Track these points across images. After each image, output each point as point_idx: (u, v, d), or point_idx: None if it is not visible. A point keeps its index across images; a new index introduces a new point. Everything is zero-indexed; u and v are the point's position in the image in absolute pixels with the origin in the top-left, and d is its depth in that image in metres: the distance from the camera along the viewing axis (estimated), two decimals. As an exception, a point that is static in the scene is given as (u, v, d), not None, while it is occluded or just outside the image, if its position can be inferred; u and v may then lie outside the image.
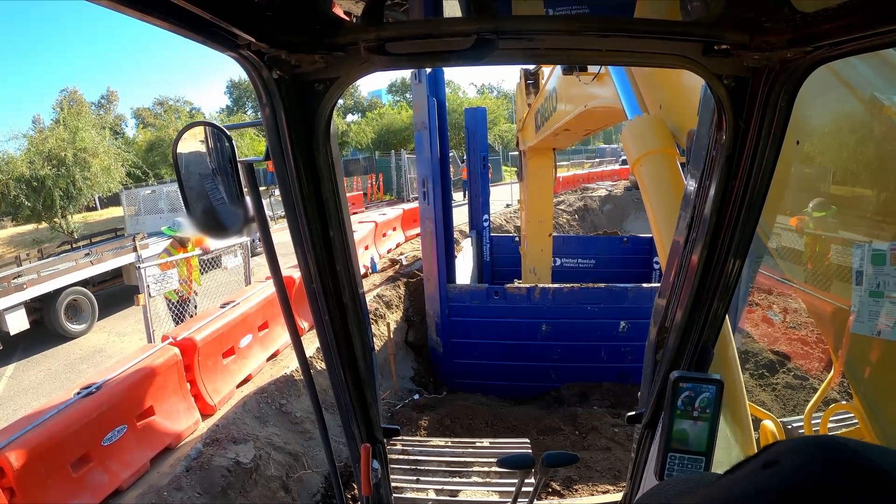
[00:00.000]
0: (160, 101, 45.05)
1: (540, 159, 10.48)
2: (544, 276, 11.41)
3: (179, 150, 1.31)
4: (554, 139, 9.26)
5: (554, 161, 10.46)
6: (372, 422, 1.90)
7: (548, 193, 11.08)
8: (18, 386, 9.17)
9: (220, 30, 0.94)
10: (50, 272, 11.47)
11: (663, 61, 1.35)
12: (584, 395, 8.91)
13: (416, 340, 10.35)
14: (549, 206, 11.35)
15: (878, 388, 3.14)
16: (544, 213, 11.19)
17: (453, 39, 1.12)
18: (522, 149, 10.77)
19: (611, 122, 7.84)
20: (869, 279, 2.82)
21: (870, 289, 2.82)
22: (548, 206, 11.30)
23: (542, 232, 11.22)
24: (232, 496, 5.22)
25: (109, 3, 0.74)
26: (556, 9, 1.32)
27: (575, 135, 9.34)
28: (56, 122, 22.06)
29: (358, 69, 1.20)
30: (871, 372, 3.22)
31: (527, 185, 10.98)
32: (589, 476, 6.34)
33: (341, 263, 1.50)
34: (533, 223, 11.14)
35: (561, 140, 9.66)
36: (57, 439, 4.55)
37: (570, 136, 9.35)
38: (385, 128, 39.40)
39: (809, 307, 4.38)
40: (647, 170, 3.29)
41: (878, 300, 2.80)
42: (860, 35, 1.04)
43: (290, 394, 6.99)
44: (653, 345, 1.92)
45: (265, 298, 7.86)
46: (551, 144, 9.98)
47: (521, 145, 10.79)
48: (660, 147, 3.27)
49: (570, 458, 2.16)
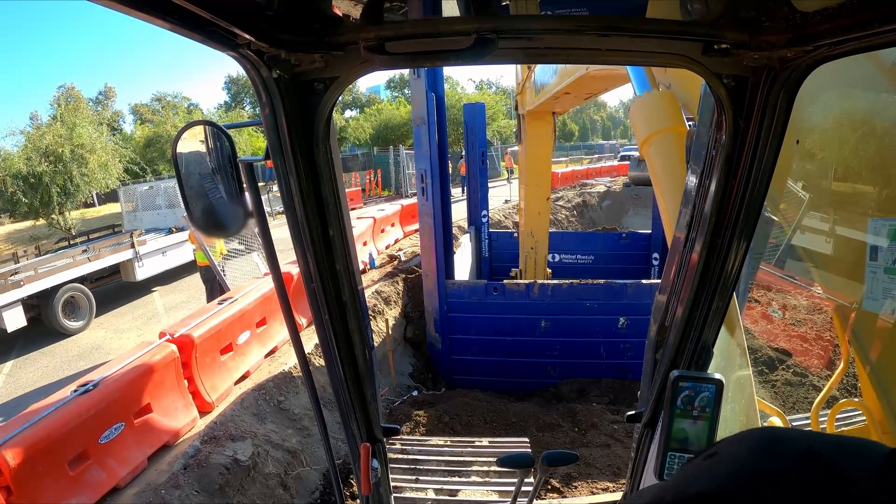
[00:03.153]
0: (158, 97, 44.84)
1: (539, 123, 10.37)
2: (541, 239, 11.36)
3: (179, 149, 1.30)
4: (554, 102, 9.19)
5: (553, 125, 10.37)
6: (371, 420, 1.90)
7: (546, 157, 11.00)
8: (16, 383, 9.16)
9: (219, 29, 0.94)
10: (47, 269, 11.45)
11: (663, 60, 1.35)
12: (583, 391, 8.93)
13: (414, 337, 10.36)
14: (546, 170, 11.25)
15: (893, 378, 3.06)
16: (542, 176, 11.09)
17: (453, 39, 1.12)
18: (521, 112, 10.64)
19: (612, 85, 7.74)
20: (885, 255, 2.71)
21: (885, 265, 2.71)
22: (546, 170, 11.20)
23: (540, 195, 11.14)
24: (230, 494, 5.22)
25: (110, 3, 0.73)
26: (555, 10, 1.31)
27: (576, 98, 9.27)
28: (53, 118, 21.94)
29: (357, 68, 1.20)
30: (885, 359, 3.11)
31: (525, 149, 10.87)
32: (588, 473, 6.35)
33: (341, 262, 1.50)
34: (531, 186, 11.05)
35: (561, 104, 9.59)
36: (54, 437, 4.55)
37: (571, 99, 9.26)
38: (383, 123, 39.26)
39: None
40: (656, 150, 3.22)
41: (893, 277, 2.69)
42: (860, 34, 1.03)
43: (289, 391, 6.99)
44: (652, 343, 1.92)
45: (263, 295, 7.85)
46: (551, 108, 9.88)
47: (520, 109, 10.68)
48: (670, 126, 3.19)
49: (570, 458, 2.16)
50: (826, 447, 0.46)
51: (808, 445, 0.46)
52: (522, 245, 11.71)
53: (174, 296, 13.72)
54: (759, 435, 0.50)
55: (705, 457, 0.51)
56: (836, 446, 0.46)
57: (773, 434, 0.50)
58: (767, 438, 0.49)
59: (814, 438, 0.47)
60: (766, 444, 0.48)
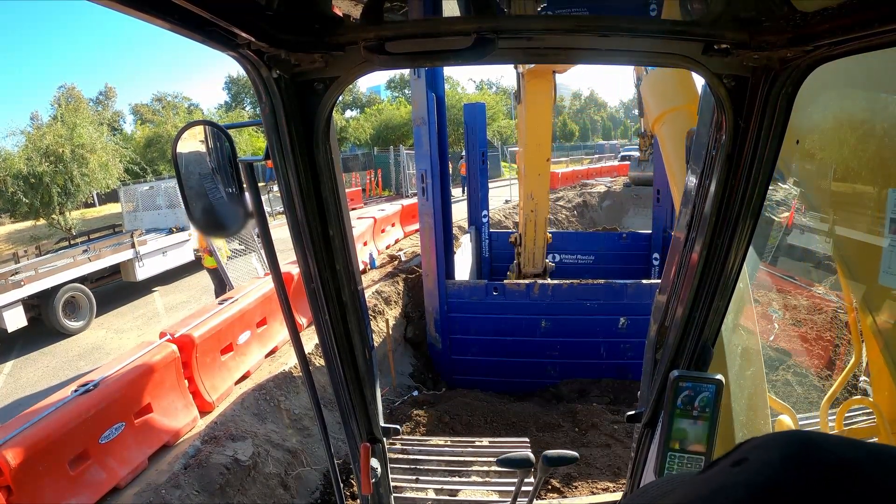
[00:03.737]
0: (158, 97, 44.80)
1: (539, 82, 10.07)
2: (541, 201, 11.02)
3: (179, 149, 1.30)
4: None
5: (553, 84, 10.08)
6: (371, 420, 1.90)
7: (546, 116, 10.63)
8: (16, 383, 9.16)
9: (219, 29, 0.94)
10: (48, 269, 11.44)
11: (663, 60, 1.35)
12: (583, 391, 8.93)
13: (414, 337, 10.35)
14: (547, 129, 10.88)
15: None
16: (542, 136, 10.76)
17: (453, 39, 1.12)
18: (521, 71, 10.35)
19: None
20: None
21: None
22: (546, 130, 10.84)
23: (540, 155, 10.85)
24: (230, 494, 5.22)
25: (110, 3, 0.73)
26: (555, 10, 1.31)
27: None
28: (54, 118, 21.90)
29: (357, 68, 1.20)
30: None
31: (525, 109, 10.47)
32: (589, 473, 6.35)
33: (341, 262, 1.50)
34: (531, 146, 10.73)
35: None
36: (54, 437, 4.55)
37: None
38: (384, 123, 39.26)
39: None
40: (668, 129, 3.13)
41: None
42: (860, 34, 1.03)
43: (289, 390, 6.99)
44: (653, 343, 1.92)
45: (263, 295, 7.85)
46: (551, 67, 9.73)
47: (520, 68, 10.45)
48: (684, 104, 3.10)
49: (570, 458, 2.16)
50: (865, 458, 0.44)
51: (845, 455, 0.44)
52: (522, 209, 11.32)
53: (174, 296, 13.72)
54: (788, 440, 0.47)
55: (732, 462, 0.48)
56: (875, 457, 0.44)
57: (805, 440, 0.47)
58: (799, 444, 0.46)
59: (849, 446, 0.45)
60: (799, 452, 0.45)
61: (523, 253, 11.32)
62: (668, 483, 0.62)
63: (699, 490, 0.48)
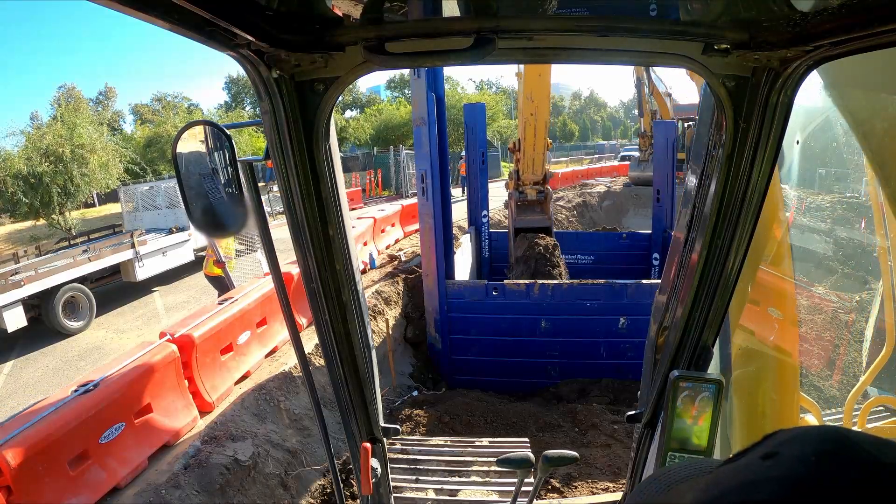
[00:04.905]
0: (158, 97, 44.79)
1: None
2: (541, 103, 10.53)
3: (179, 149, 1.30)
4: None
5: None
6: (372, 420, 1.90)
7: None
8: (16, 383, 9.16)
9: (219, 29, 0.94)
10: (48, 269, 11.45)
11: (663, 60, 1.35)
12: (583, 391, 8.93)
13: (414, 337, 10.34)
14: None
15: None
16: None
17: (453, 39, 1.12)
18: None
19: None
20: None
21: None
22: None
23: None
24: (230, 494, 5.22)
25: (110, 3, 0.73)
26: (555, 10, 1.31)
27: None
28: (54, 118, 21.95)
29: (358, 68, 1.20)
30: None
31: None
32: (589, 473, 6.36)
33: (341, 262, 1.50)
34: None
35: None
36: (54, 437, 4.55)
37: None
38: (384, 123, 39.26)
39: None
40: None
41: None
42: (860, 34, 1.03)
43: (289, 391, 6.99)
44: (652, 343, 1.92)
45: (263, 295, 7.85)
46: None
47: None
48: None
49: (570, 458, 2.16)
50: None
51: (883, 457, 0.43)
52: (521, 112, 10.94)
53: (174, 296, 13.72)
54: (822, 437, 0.46)
55: (762, 455, 0.47)
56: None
57: (840, 437, 0.46)
58: (833, 442, 0.45)
59: (886, 447, 0.44)
60: (834, 450, 0.44)
61: (522, 159, 10.95)
62: (686, 469, 0.60)
63: (728, 481, 0.47)
